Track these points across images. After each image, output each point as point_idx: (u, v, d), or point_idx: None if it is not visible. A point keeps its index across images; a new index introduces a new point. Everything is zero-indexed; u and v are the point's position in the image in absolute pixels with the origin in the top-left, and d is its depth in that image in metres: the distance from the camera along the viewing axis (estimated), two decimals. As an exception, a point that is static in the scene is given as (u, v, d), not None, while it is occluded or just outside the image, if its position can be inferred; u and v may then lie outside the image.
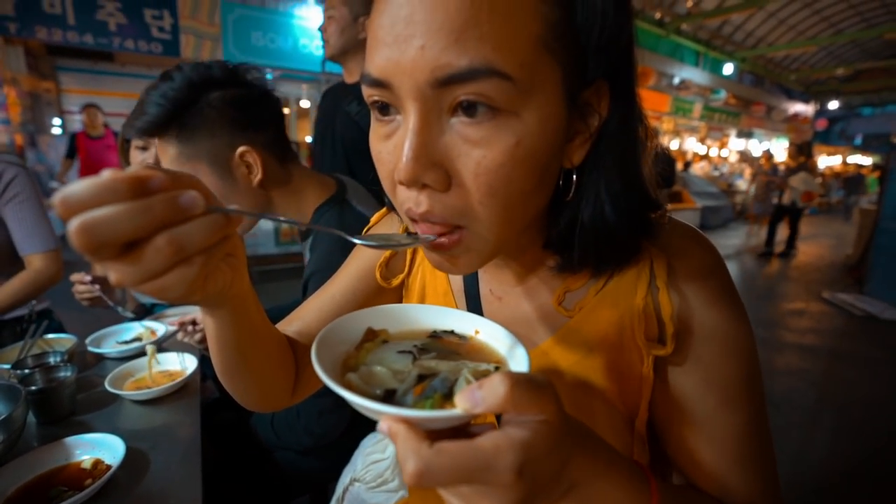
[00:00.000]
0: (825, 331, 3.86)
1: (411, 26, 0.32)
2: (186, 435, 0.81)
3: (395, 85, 0.33)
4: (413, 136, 0.33)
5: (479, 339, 0.40)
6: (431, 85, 0.32)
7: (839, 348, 3.50)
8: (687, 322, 0.43)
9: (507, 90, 0.32)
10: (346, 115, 1.62)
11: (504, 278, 0.52)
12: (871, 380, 3.01)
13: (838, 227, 9.89)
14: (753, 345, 0.45)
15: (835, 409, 2.61)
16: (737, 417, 0.44)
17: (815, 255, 7.03)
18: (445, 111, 0.34)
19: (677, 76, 12.81)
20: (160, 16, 6.35)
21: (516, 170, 0.34)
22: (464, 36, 0.31)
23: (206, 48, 6.70)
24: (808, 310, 4.39)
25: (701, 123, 14.08)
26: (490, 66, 0.31)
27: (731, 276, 0.45)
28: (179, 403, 0.91)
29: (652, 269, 0.44)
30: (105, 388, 0.89)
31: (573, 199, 0.41)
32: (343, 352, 0.38)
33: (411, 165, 0.33)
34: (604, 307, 0.45)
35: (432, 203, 0.35)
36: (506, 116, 0.33)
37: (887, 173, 4.78)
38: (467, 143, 0.34)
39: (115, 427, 0.81)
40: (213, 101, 0.84)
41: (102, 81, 7.86)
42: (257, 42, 7.02)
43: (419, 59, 0.32)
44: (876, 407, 2.65)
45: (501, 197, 0.35)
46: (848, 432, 2.38)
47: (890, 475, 2.04)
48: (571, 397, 0.46)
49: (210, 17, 6.66)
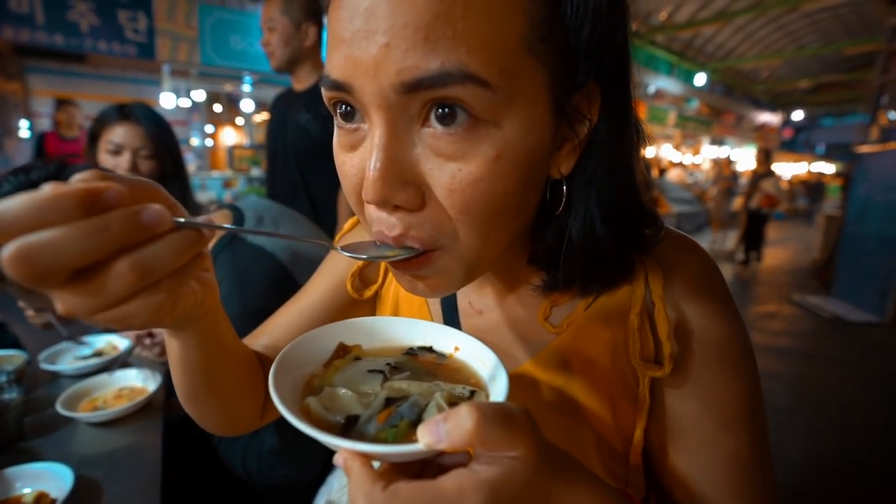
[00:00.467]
0: (796, 333, 3.97)
1: (373, 21, 0.27)
2: (147, 460, 0.75)
3: (356, 88, 0.29)
4: (380, 152, 0.29)
5: (459, 358, 0.38)
6: (397, 90, 0.28)
7: (810, 349, 3.59)
8: (685, 339, 0.40)
9: (486, 98, 0.28)
10: (295, 124, 1.59)
11: (485, 290, 0.48)
12: (840, 380, 3.10)
13: (804, 232, 10.26)
14: (755, 363, 0.42)
15: (809, 410, 2.67)
16: (737, 443, 0.40)
17: (785, 259, 7.25)
18: (416, 120, 0.30)
19: (652, 85, 13.18)
20: (135, 17, 6.18)
21: (496, 185, 0.30)
22: (434, 34, 0.27)
23: (183, 51, 6.55)
24: (779, 312, 4.51)
25: (675, 131, 14.49)
26: (465, 70, 0.27)
27: (727, 287, 0.42)
28: (140, 424, 0.85)
29: (647, 283, 0.40)
30: (56, 410, 0.82)
31: (562, 212, 0.37)
32: (307, 372, 0.35)
33: (380, 186, 0.29)
34: (594, 324, 0.42)
35: (406, 225, 0.32)
36: (484, 126, 0.29)
37: (850, 181, 4.99)
38: (441, 157, 0.30)
39: (67, 454, 0.74)
40: None
41: (73, 83, 7.57)
42: (236, 45, 6.91)
43: (382, 58, 0.27)
44: (848, 407, 2.72)
45: (479, 214, 0.31)
46: (823, 433, 2.42)
47: (866, 474, 2.09)
48: (557, 423, 0.43)
49: (187, 19, 6.52)
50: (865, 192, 4.63)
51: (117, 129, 1.22)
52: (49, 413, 0.86)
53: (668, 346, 0.39)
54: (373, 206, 0.33)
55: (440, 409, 0.29)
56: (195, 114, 7.59)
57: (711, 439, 0.40)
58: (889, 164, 4.30)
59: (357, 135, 0.33)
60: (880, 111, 4.64)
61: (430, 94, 0.28)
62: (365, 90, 0.29)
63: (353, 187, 0.34)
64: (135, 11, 6.13)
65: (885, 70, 4.67)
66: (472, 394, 0.32)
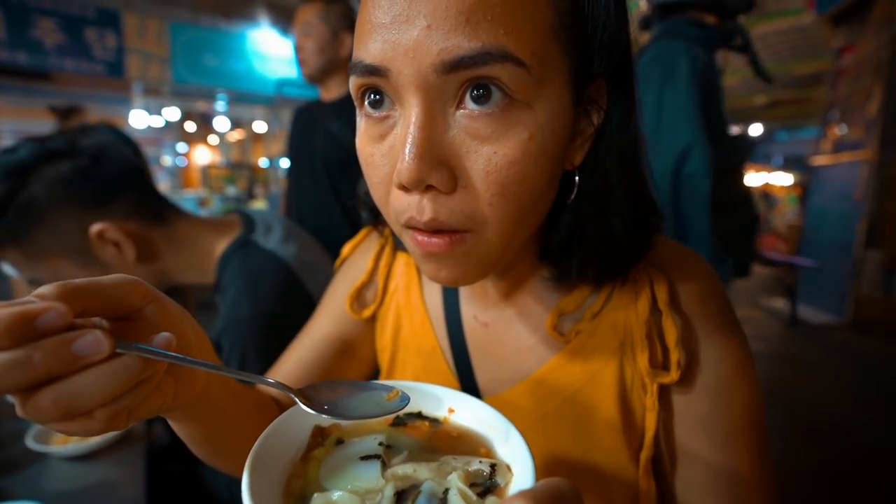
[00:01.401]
0: (765, 336, 4.12)
1: (415, 5, 0.29)
2: (127, 495, 0.73)
3: (394, 72, 0.30)
4: (417, 131, 0.30)
5: (456, 423, 0.34)
6: (438, 70, 0.29)
7: (779, 352, 3.74)
8: (691, 348, 0.40)
9: (521, 78, 0.29)
10: (326, 133, 1.54)
11: (490, 301, 0.47)
12: (807, 380, 3.23)
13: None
14: (756, 373, 0.42)
15: (781, 409, 2.77)
16: (740, 454, 0.40)
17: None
18: (451, 102, 0.31)
19: (621, 101, 13.62)
20: (103, 35, 6.09)
21: (529, 167, 0.31)
22: (474, 17, 0.28)
23: (154, 69, 6.47)
24: (749, 317, 4.69)
25: (645, 145, 14.99)
26: (504, 50, 0.28)
27: (729, 299, 0.43)
28: (119, 456, 0.82)
29: (653, 291, 0.41)
30: (26, 445, 0.79)
31: (573, 203, 0.38)
32: (284, 470, 0.29)
33: (415, 165, 0.29)
34: (603, 331, 0.42)
35: (437, 208, 0.32)
36: (518, 108, 0.30)
37: (806, 192, 5.27)
38: (476, 139, 0.31)
39: (38, 492, 0.72)
40: (35, 188, 0.71)
41: (38, 102, 7.36)
42: (209, 64, 6.87)
43: (424, 40, 0.28)
44: (816, 405, 2.84)
45: (513, 197, 0.31)
46: (796, 432, 2.52)
47: (834, 468, 2.17)
48: (570, 432, 0.43)
49: (157, 38, 6.47)
50: (821, 202, 4.89)
51: None
52: (17, 448, 0.82)
53: (676, 353, 0.39)
54: (403, 192, 0.32)
55: (464, 496, 0.26)
56: (167, 132, 7.47)
57: (719, 449, 0.40)
58: (840, 175, 4.56)
59: (386, 123, 0.33)
60: (830, 126, 4.94)
61: (469, 73, 0.29)
62: (403, 73, 0.30)
63: (382, 177, 0.34)
64: (103, 29, 6.04)
65: (832, 88, 4.98)
66: (492, 468, 0.29)
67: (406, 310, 0.53)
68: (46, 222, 0.72)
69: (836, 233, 4.55)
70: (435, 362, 0.50)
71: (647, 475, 0.41)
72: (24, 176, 0.71)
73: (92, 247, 0.76)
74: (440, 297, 0.51)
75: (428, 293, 0.52)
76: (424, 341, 0.51)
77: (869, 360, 3.59)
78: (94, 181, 0.76)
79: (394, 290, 0.55)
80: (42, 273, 0.77)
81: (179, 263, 0.85)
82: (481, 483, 0.28)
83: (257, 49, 7.13)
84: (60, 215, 0.73)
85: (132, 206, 0.79)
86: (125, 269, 0.79)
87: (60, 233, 0.74)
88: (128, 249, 0.78)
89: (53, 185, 0.72)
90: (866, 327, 4.15)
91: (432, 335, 0.51)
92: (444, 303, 0.50)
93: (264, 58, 7.18)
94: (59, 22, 5.76)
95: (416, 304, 0.52)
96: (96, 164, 0.77)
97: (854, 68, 4.57)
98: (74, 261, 0.77)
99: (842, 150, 4.63)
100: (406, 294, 0.54)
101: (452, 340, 0.49)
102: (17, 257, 0.75)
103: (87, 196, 0.75)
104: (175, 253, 0.84)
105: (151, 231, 0.81)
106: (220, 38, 6.95)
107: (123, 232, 0.77)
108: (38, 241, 0.74)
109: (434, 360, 0.51)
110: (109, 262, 0.78)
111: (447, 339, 0.50)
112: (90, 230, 0.75)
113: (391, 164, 0.33)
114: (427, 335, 0.51)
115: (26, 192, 0.71)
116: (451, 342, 0.49)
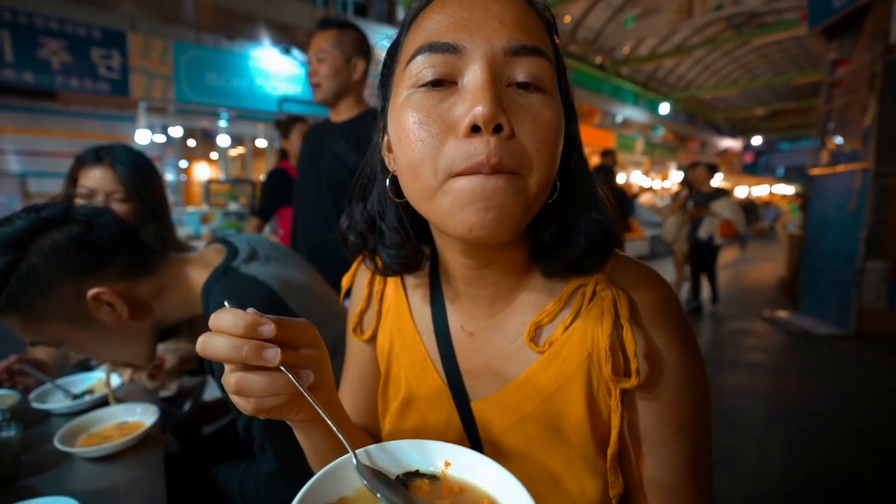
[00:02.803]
0: (768, 348, 4.12)
1: (489, 12, 0.40)
2: (150, 493, 0.76)
3: (469, 49, 0.39)
4: (489, 85, 0.38)
5: (454, 476, 0.37)
6: (505, 51, 0.39)
7: (781, 364, 3.74)
8: (649, 358, 0.46)
9: (550, 71, 0.41)
10: (331, 153, 1.61)
11: (476, 312, 0.53)
12: (811, 391, 3.22)
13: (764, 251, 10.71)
14: (706, 376, 0.49)
15: (782, 420, 2.77)
16: (690, 442, 0.47)
17: (752, 278, 7.56)
18: (505, 78, 0.40)
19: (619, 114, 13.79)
20: (108, 55, 6.21)
21: (558, 132, 0.41)
22: (526, 27, 0.40)
23: (158, 88, 6.58)
24: (752, 329, 4.68)
25: (644, 158, 15.11)
26: (543, 49, 0.41)
27: (684, 312, 0.49)
28: (140, 458, 0.85)
29: (615, 308, 0.46)
30: (54, 446, 0.82)
31: (555, 202, 0.46)
32: None
33: (492, 105, 0.37)
34: (573, 343, 0.48)
35: (502, 150, 0.38)
36: (547, 93, 0.41)
37: (807, 202, 5.31)
38: (523, 106, 0.40)
39: (66, 490, 0.74)
40: (34, 258, 0.73)
41: (43, 120, 7.47)
42: (212, 82, 6.98)
43: (498, 29, 0.39)
44: (819, 416, 2.83)
45: (552, 149, 0.41)
46: (798, 443, 2.51)
47: (839, 480, 2.17)
48: (546, 430, 0.48)
49: (162, 57, 6.58)
50: (821, 212, 4.93)
51: (90, 172, 1.21)
52: (45, 450, 0.86)
53: (635, 362, 0.45)
54: (468, 139, 0.38)
55: None
56: (169, 149, 7.55)
57: (670, 439, 0.47)
58: (839, 185, 4.61)
59: (447, 92, 0.40)
60: (827, 136, 5.00)
61: (522, 59, 0.40)
62: (478, 50, 0.39)
63: (440, 130, 0.39)
64: (108, 49, 6.17)
65: (828, 99, 5.06)
66: None
67: (397, 328, 0.60)
68: (46, 290, 0.74)
69: (838, 243, 4.57)
70: (426, 371, 0.57)
71: (613, 468, 0.48)
72: (23, 246, 0.73)
73: (88, 309, 0.78)
74: (429, 313, 0.57)
75: (416, 312, 0.59)
76: (415, 354, 0.58)
77: (873, 371, 3.59)
78: (88, 248, 0.77)
79: (386, 312, 0.62)
80: (42, 336, 0.79)
81: (169, 306, 0.88)
82: None
83: (259, 67, 7.26)
84: (59, 282, 0.75)
85: (124, 267, 0.82)
86: (120, 326, 0.82)
87: (59, 299, 0.76)
88: (122, 309, 0.80)
89: (51, 254, 0.74)
90: (870, 338, 4.15)
91: (422, 347, 0.57)
92: (434, 317, 0.57)
93: (266, 76, 7.31)
94: (65, 43, 5.88)
95: (405, 322, 0.59)
96: (90, 230, 0.78)
97: (848, 80, 4.66)
98: (71, 323, 0.79)
99: (839, 160, 4.69)
100: (396, 315, 0.60)
101: (442, 350, 0.55)
102: (18, 323, 0.76)
103: (83, 262, 0.77)
104: (164, 299, 0.87)
105: (142, 285, 0.84)
106: (221, 57, 7.08)
107: (117, 293, 0.79)
108: (38, 307, 0.75)
109: (426, 370, 0.57)
110: (105, 321, 0.81)
111: (437, 350, 0.56)
112: (87, 294, 0.77)
113: (449, 121, 0.39)
114: (417, 348, 0.57)
115: (26, 262, 0.73)
116: (441, 352, 0.55)
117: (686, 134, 17.99)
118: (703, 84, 17.68)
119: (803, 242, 5.26)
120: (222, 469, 0.98)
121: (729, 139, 21.14)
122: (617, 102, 13.41)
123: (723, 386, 3.28)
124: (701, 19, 10.19)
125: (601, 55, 12.92)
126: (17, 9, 5.56)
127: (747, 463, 2.30)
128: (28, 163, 7.56)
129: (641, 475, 0.49)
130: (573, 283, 0.49)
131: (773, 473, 2.21)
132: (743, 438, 2.55)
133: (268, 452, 0.85)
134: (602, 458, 0.48)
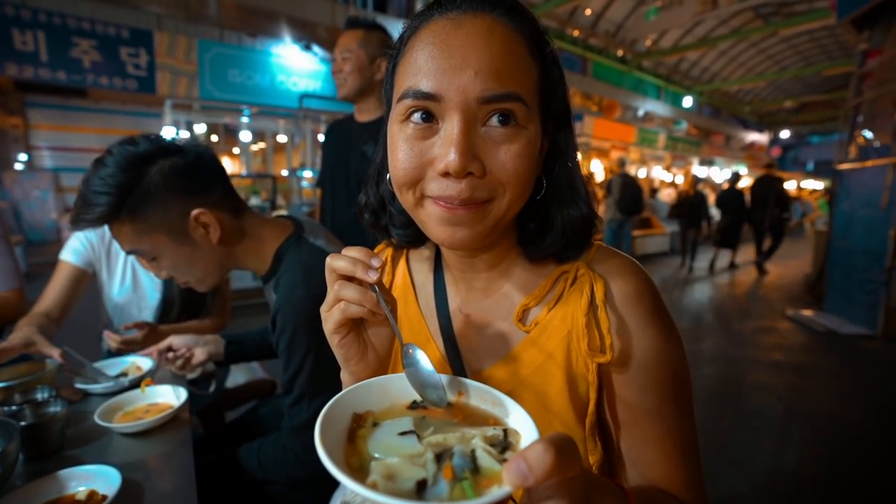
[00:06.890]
0: (790, 347, 4.05)
1: (465, 61, 0.44)
2: (180, 465, 0.82)
3: (446, 98, 0.44)
4: (461, 137, 0.44)
5: (464, 402, 0.42)
6: (479, 101, 0.44)
7: (803, 363, 3.67)
8: (624, 338, 0.51)
9: (524, 111, 0.46)
10: (361, 154, 1.66)
11: (472, 296, 0.60)
12: (833, 392, 3.16)
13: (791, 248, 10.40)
14: (684, 357, 0.53)
15: (801, 421, 2.73)
16: (672, 414, 0.52)
17: (777, 275, 7.37)
18: (480, 122, 0.45)
19: (641, 108, 13.51)
20: (136, 53, 6.39)
21: (528, 160, 0.46)
22: (503, 72, 0.44)
23: (182, 85, 6.76)
24: (774, 327, 4.59)
25: (665, 153, 14.80)
26: (518, 94, 0.45)
27: (661, 298, 0.54)
28: (171, 435, 0.92)
29: (592, 291, 0.52)
30: (94, 422, 0.89)
31: (542, 198, 0.52)
32: (338, 447, 0.36)
33: (461, 159, 0.43)
34: (555, 322, 0.54)
35: (472, 189, 0.45)
36: (520, 128, 0.46)
37: (834, 198, 5.15)
38: (495, 143, 0.45)
39: (106, 460, 0.81)
40: (155, 176, 0.87)
41: (74, 117, 7.77)
42: (234, 79, 7.11)
43: (472, 82, 0.43)
44: (839, 417, 2.78)
45: (521, 177, 0.46)
46: (815, 443, 2.48)
47: (855, 481, 2.14)
48: (533, 399, 0.54)
49: (186, 54, 6.75)
50: (848, 208, 4.79)
51: None
52: (85, 425, 0.93)
53: (608, 338, 0.51)
54: (443, 178, 0.45)
55: (489, 452, 0.33)
56: (194, 144, 7.72)
57: (652, 412, 0.52)
58: (867, 180, 4.47)
59: (430, 129, 0.46)
60: (856, 130, 4.84)
61: (495, 105, 0.44)
62: (453, 100, 0.44)
63: (418, 165, 0.46)
64: (136, 48, 6.36)
65: (858, 92, 4.89)
66: (504, 432, 0.36)
67: (404, 311, 0.66)
68: (159, 204, 0.88)
69: (866, 240, 4.44)
70: (429, 351, 0.62)
71: (592, 436, 0.53)
72: (147, 165, 0.87)
73: (188, 227, 0.91)
74: (432, 298, 0.64)
75: (422, 297, 0.65)
76: (420, 335, 0.63)
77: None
78: (199, 174, 0.93)
79: (396, 296, 0.68)
80: (143, 246, 0.92)
81: (245, 251, 1.01)
82: (498, 444, 0.35)
83: (280, 64, 7.38)
84: (171, 199, 0.89)
85: (221, 198, 0.96)
86: (209, 248, 0.95)
87: (167, 213, 0.89)
88: (214, 233, 0.93)
89: (169, 174, 0.88)
90: (899, 338, 4.04)
91: (426, 329, 0.63)
92: (436, 301, 0.63)
93: (287, 72, 7.43)
94: (95, 42, 6.09)
95: (411, 306, 0.65)
96: (200, 160, 0.94)
97: (879, 72, 4.49)
98: (172, 238, 0.91)
99: (869, 155, 4.54)
100: (403, 300, 0.66)
101: (443, 331, 0.61)
102: (128, 231, 0.89)
103: (193, 185, 0.91)
104: (243, 242, 1.00)
105: (231, 219, 0.97)
106: (244, 55, 7.21)
107: (215, 217, 0.92)
108: (149, 219, 0.88)
109: (429, 349, 0.62)
110: (199, 241, 0.94)
111: (439, 331, 0.62)
112: (191, 213, 0.90)
113: (430, 157, 0.46)
114: (421, 330, 0.63)
115: (148, 177, 0.87)
116: (442, 332, 0.61)
117: (710, 128, 17.51)
118: (728, 76, 17.16)
119: (829, 240, 5.11)
120: (243, 448, 1.05)
121: (755, 133, 20.52)
122: (639, 96, 13.16)
123: (742, 385, 3.24)
124: (727, 10, 9.92)
125: (623, 48, 12.66)
126: (51, 10, 5.77)
127: (761, 460, 2.29)
128: (60, 158, 7.89)
129: (627, 447, 0.54)
130: (557, 269, 0.56)
131: (787, 473, 2.20)
132: (759, 437, 2.53)
133: (303, 405, 0.94)
134: (581, 426, 0.53)
